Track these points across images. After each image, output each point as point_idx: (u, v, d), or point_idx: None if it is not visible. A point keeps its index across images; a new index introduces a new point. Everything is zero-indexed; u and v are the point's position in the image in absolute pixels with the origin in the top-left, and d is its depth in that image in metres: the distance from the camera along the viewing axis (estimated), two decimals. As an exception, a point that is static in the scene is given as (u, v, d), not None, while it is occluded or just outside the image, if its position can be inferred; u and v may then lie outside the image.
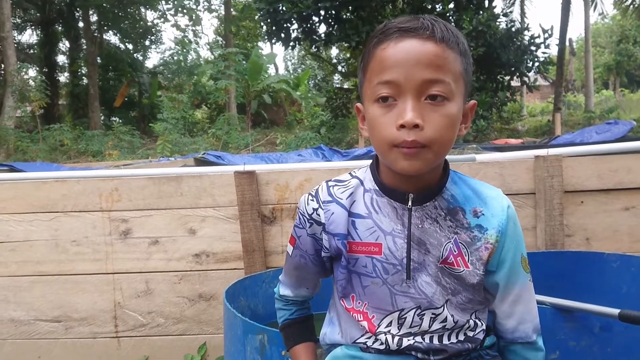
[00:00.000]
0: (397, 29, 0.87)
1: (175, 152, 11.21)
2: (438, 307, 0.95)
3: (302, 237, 1.03)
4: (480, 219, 0.96)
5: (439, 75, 0.85)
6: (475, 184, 1.00)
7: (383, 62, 0.87)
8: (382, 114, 0.87)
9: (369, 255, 0.95)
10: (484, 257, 0.95)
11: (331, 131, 13.93)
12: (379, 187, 0.97)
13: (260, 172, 2.18)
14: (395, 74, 0.85)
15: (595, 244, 2.12)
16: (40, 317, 2.25)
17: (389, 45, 0.87)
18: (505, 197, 0.99)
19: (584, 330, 1.35)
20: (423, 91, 0.85)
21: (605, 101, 22.99)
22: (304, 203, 1.02)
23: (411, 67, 0.85)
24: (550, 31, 11.46)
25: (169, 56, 23.44)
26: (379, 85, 0.87)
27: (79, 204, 2.21)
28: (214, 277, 2.21)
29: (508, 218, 0.96)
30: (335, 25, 11.97)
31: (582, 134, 5.92)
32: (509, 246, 0.97)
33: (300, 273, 1.10)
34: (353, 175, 1.02)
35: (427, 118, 0.84)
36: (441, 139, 0.86)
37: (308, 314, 1.16)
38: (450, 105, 0.87)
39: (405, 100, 0.85)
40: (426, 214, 0.95)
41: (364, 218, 0.96)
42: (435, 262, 0.94)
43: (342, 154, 5.43)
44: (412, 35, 0.86)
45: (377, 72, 0.88)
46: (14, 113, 13.69)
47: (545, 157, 2.07)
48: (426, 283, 0.95)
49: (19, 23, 20.86)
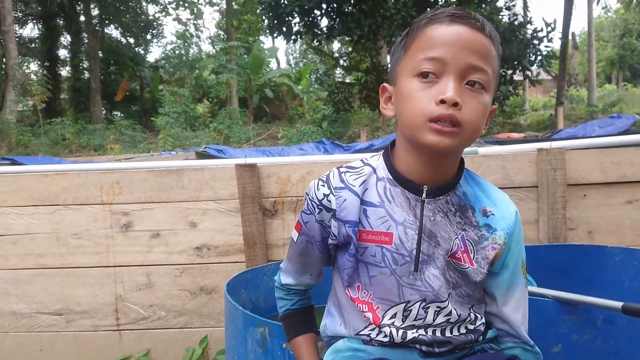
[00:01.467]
0: (450, 14, 0.89)
1: (176, 146, 11.20)
2: (443, 300, 0.95)
3: (310, 223, 1.02)
4: (489, 219, 0.97)
5: (483, 64, 0.87)
6: (486, 185, 1.02)
7: (433, 39, 0.88)
8: (421, 88, 0.88)
9: (379, 245, 0.95)
10: (490, 256, 0.96)
11: (333, 125, 13.91)
12: (393, 176, 0.97)
13: (262, 165, 2.17)
14: (444, 51, 0.87)
15: (598, 238, 2.11)
16: (42, 310, 2.26)
17: (440, 26, 0.89)
18: (511, 201, 1.02)
19: (587, 323, 1.34)
20: (465, 75, 0.87)
21: (608, 95, 22.93)
22: (314, 189, 1.00)
23: (460, 49, 0.86)
24: (553, 25, 11.41)
25: (170, 50, 23.45)
26: (424, 60, 0.88)
27: (80, 197, 2.21)
28: (215, 270, 2.21)
29: (516, 222, 0.99)
30: (337, 19, 11.93)
31: (585, 127, 5.89)
32: (514, 250, 0.99)
33: (305, 259, 1.08)
34: (365, 163, 1.01)
35: (465, 101, 0.86)
36: (474, 124, 0.87)
37: (309, 304, 1.16)
38: (486, 96, 0.89)
39: (448, 79, 0.86)
40: (438, 207, 0.95)
41: (376, 207, 0.96)
42: (444, 255, 0.95)
43: (344, 147, 5.41)
44: (464, 22, 0.88)
45: (424, 48, 0.89)
46: (15, 107, 13.67)
47: (548, 150, 2.05)
48: (433, 276, 0.95)
49: (20, 17, 20.82)
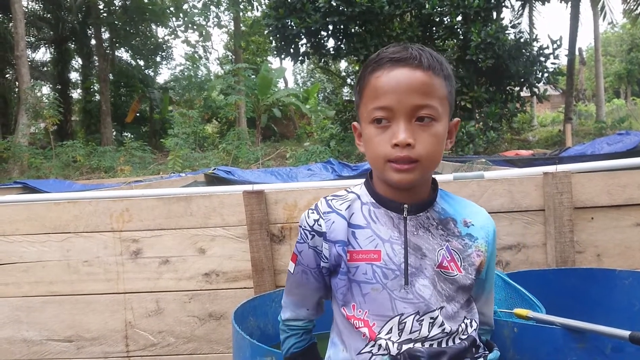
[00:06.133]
0: (389, 59, 0.98)
1: (186, 167, 11.28)
2: (434, 309, 1.00)
3: (304, 252, 1.09)
4: (470, 229, 1.07)
5: (427, 100, 0.96)
6: (462, 201, 1.12)
7: (377, 89, 0.98)
8: (377, 134, 0.99)
9: (369, 262, 1.02)
10: (476, 263, 1.05)
11: (341, 144, 13.93)
12: (376, 199, 1.06)
13: (269, 191, 2.19)
14: (389, 100, 0.96)
15: (606, 261, 2.10)
16: (53, 337, 2.27)
17: (382, 74, 0.98)
18: (487, 213, 1.13)
19: (596, 351, 1.33)
20: (413, 114, 0.96)
21: (617, 110, 22.82)
22: (305, 217, 1.09)
23: (402, 94, 0.96)
24: (560, 42, 11.43)
25: (179, 72, 23.70)
26: (374, 109, 0.98)
27: (90, 224, 2.24)
28: (223, 296, 2.22)
29: (493, 230, 1.10)
30: (344, 40, 12.03)
31: (593, 145, 5.86)
32: (492, 256, 1.11)
33: (301, 291, 1.14)
34: (349, 191, 1.11)
35: (418, 137, 0.96)
36: (430, 155, 0.97)
37: (311, 342, 1.20)
38: (437, 125, 0.98)
39: (398, 123, 0.96)
40: (420, 223, 1.04)
41: (363, 228, 1.04)
42: (431, 265, 1.02)
43: (352, 167, 5.43)
44: (403, 64, 0.97)
45: (372, 98, 0.99)
46: (27, 130, 13.88)
47: (554, 173, 2.06)
48: (423, 286, 1.01)
49: (33, 41, 21.22)
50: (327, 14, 11.03)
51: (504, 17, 13.30)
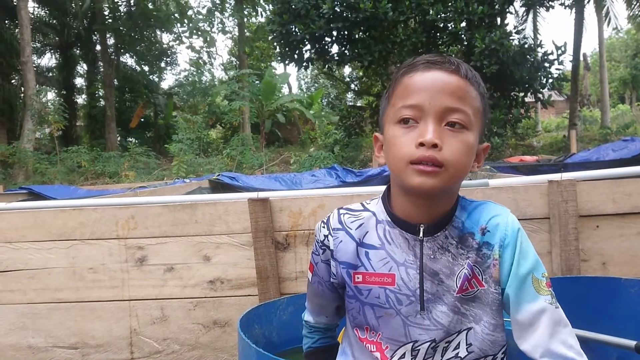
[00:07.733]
0: (425, 61, 0.92)
1: (190, 173, 11.32)
2: (452, 333, 0.95)
3: (319, 264, 1.07)
4: (486, 236, 0.96)
5: (460, 104, 0.89)
6: (482, 204, 1.00)
7: (409, 87, 0.91)
8: (402, 133, 0.90)
9: (382, 286, 0.96)
10: (494, 274, 0.96)
11: (345, 149, 13.97)
12: (391, 218, 0.98)
13: (274, 198, 2.20)
14: (420, 98, 0.89)
15: (612, 269, 2.10)
16: (58, 344, 2.28)
17: (416, 74, 0.92)
18: (511, 214, 0.99)
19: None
20: (444, 117, 0.89)
21: (622, 115, 22.76)
22: (318, 230, 1.05)
23: (435, 93, 0.89)
24: (564, 48, 11.43)
25: (184, 77, 23.80)
26: (403, 108, 0.91)
27: (96, 231, 2.25)
28: (228, 303, 2.22)
29: (512, 232, 0.95)
30: (348, 45, 12.07)
31: (598, 151, 5.83)
32: (511, 259, 0.95)
33: (319, 300, 1.12)
34: (365, 207, 1.04)
35: (446, 141, 0.88)
36: (457, 162, 0.88)
37: (331, 342, 1.19)
38: (468, 134, 0.90)
39: (427, 123, 0.88)
40: (437, 244, 0.96)
41: (377, 249, 0.98)
42: (450, 292, 0.95)
43: (356, 174, 5.42)
44: (439, 67, 0.91)
45: (402, 96, 0.92)
46: (33, 136, 13.96)
47: (559, 181, 2.06)
48: (442, 313, 0.95)
49: (38, 47, 21.37)
50: (332, 19, 11.07)
51: (508, 23, 13.37)
